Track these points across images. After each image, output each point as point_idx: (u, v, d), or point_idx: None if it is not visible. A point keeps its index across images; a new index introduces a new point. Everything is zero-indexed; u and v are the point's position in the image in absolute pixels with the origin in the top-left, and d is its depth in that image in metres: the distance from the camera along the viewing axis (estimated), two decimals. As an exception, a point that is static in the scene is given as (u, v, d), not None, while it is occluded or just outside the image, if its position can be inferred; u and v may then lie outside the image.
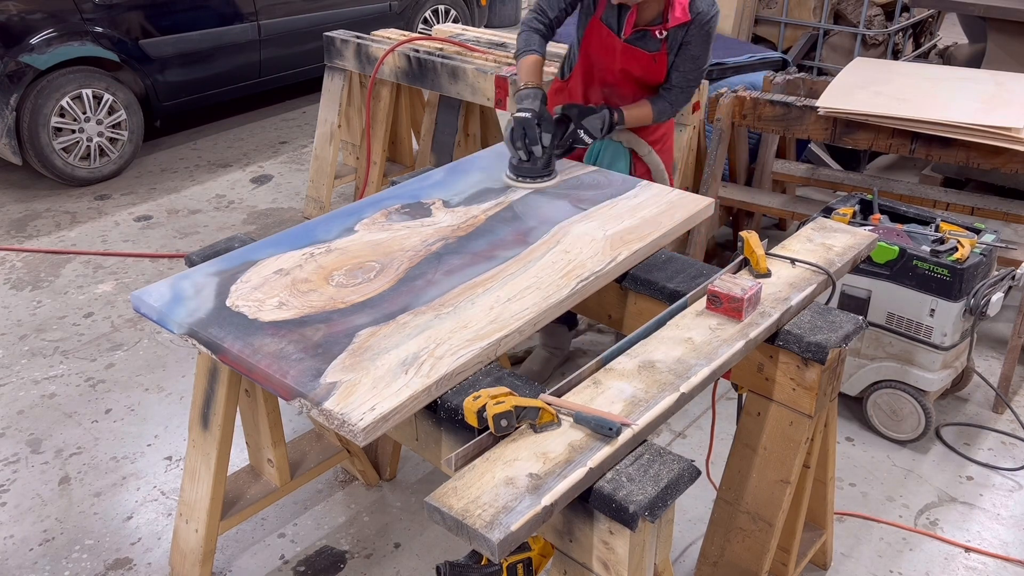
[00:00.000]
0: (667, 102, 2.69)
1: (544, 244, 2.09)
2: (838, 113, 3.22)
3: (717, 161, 3.57)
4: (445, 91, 3.89)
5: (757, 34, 5.56)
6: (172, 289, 1.92)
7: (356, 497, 2.73)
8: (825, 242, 2.16)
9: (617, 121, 2.60)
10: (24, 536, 2.58)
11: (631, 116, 2.65)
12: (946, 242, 2.75)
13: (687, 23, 2.53)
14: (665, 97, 2.69)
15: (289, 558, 2.52)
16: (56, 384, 3.29)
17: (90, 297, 3.89)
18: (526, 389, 1.64)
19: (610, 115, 2.58)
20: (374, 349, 1.68)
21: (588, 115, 2.54)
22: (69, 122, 4.82)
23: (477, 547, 1.30)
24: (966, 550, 2.53)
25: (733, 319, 1.82)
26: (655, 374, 1.65)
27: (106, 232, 4.50)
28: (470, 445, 1.46)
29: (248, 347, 1.70)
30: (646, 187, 2.42)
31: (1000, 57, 4.43)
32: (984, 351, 3.42)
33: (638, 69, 2.66)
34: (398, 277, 1.95)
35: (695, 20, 2.53)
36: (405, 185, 2.46)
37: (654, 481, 1.43)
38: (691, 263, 2.15)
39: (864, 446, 2.94)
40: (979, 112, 3.04)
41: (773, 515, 2.06)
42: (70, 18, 4.75)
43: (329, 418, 1.53)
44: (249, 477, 2.43)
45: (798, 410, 1.95)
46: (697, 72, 2.65)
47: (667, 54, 2.61)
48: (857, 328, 1.92)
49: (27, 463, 2.88)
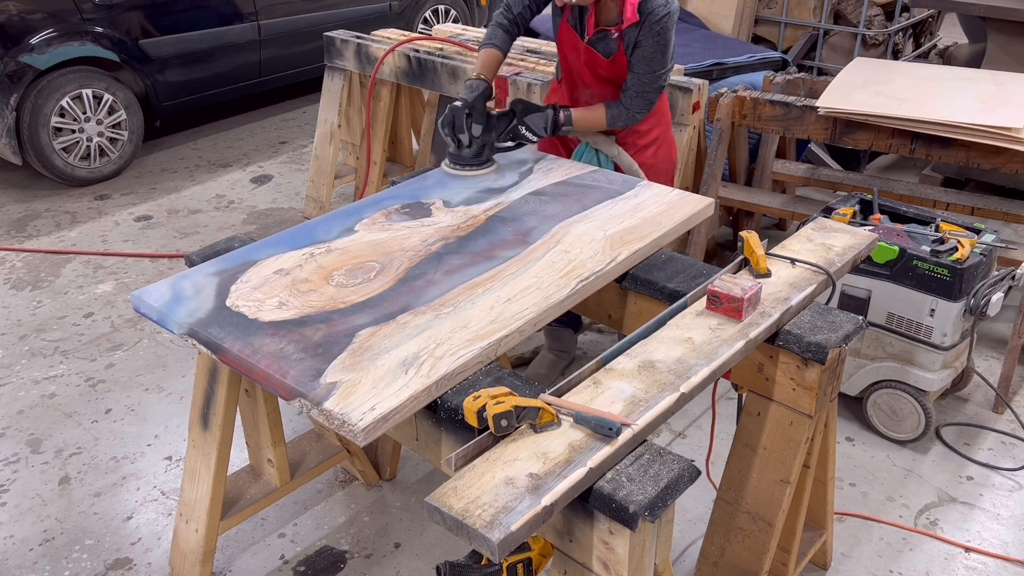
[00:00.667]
0: (623, 107, 2.64)
1: (544, 244, 2.09)
2: (838, 113, 3.22)
3: (717, 161, 3.57)
4: (445, 91, 3.89)
5: (757, 34, 5.56)
6: (172, 289, 1.92)
7: (356, 497, 2.73)
8: (825, 242, 2.16)
9: (563, 122, 2.59)
10: (24, 536, 2.58)
11: (581, 118, 2.63)
12: (946, 242, 2.75)
13: (637, 23, 2.51)
14: (621, 101, 2.65)
15: (289, 558, 2.52)
16: (56, 384, 3.29)
17: (90, 297, 3.89)
18: (526, 389, 1.64)
19: (555, 114, 2.57)
20: (374, 349, 1.68)
21: (532, 112, 2.55)
22: (69, 122, 4.82)
23: (477, 547, 1.30)
24: (966, 550, 2.53)
25: (733, 319, 1.82)
26: (655, 374, 1.65)
27: (106, 232, 4.50)
28: (470, 445, 1.46)
29: (248, 347, 1.70)
30: (646, 187, 2.42)
31: (1000, 57, 4.43)
32: (984, 351, 3.42)
33: (602, 70, 2.66)
34: (398, 277, 1.95)
35: (645, 20, 2.49)
36: (405, 185, 2.46)
37: (654, 481, 1.43)
38: (691, 263, 2.15)
39: (864, 446, 2.94)
40: (979, 112, 3.03)
41: (773, 515, 2.06)
42: (70, 18, 4.75)
43: (329, 418, 1.53)
44: (249, 477, 2.43)
45: (798, 410, 1.95)
46: (652, 75, 2.59)
47: (625, 55, 2.58)
48: (857, 328, 1.92)
49: (27, 463, 2.88)
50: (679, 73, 3.70)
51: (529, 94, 3.50)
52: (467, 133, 2.45)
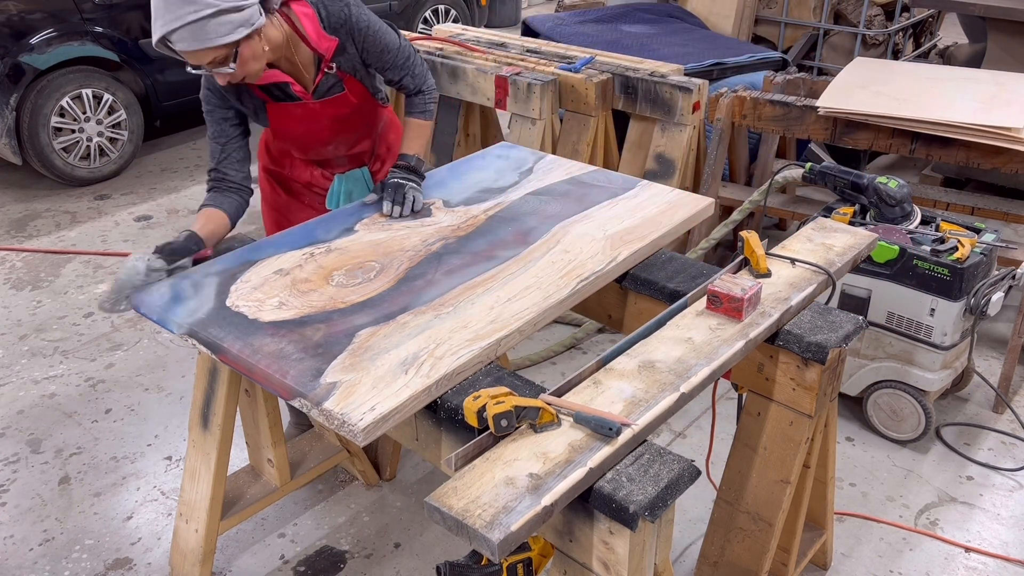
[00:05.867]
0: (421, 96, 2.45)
1: (544, 244, 2.09)
2: (838, 113, 3.22)
3: (717, 161, 3.57)
4: (445, 91, 3.89)
5: (757, 34, 5.56)
6: (172, 289, 1.92)
7: (356, 497, 2.73)
8: (825, 242, 2.16)
9: (415, 164, 2.35)
10: (24, 536, 2.58)
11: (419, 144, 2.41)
12: (946, 242, 2.75)
13: (339, 43, 2.23)
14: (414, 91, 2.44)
15: (289, 558, 2.52)
16: (56, 384, 3.29)
17: (90, 297, 3.89)
18: (526, 389, 1.64)
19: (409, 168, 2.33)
20: (374, 349, 1.68)
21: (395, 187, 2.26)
22: (69, 122, 4.83)
23: (477, 547, 1.30)
24: (966, 550, 2.53)
25: (733, 319, 1.82)
26: (655, 374, 1.65)
27: (106, 232, 4.50)
28: (470, 445, 1.46)
29: (248, 347, 1.70)
30: (646, 187, 2.42)
31: (1000, 57, 4.43)
32: (984, 351, 3.42)
33: (345, 110, 2.36)
34: (398, 277, 1.95)
35: (340, 33, 2.23)
36: (405, 185, 2.46)
37: (654, 481, 1.43)
38: (691, 263, 2.15)
39: (864, 446, 2.94)
40: (979, 112, 3.03)
41: (773, 515, 2.06)
42: (70, 18, 4.75)
43: (329, 418, 1.53)
44: (249, 477, 2.43)
45: (798, 410, 1.95)
46: (400, 52, 2.34)
47: (355, 77, 2.32)
48: (857, 328, 1.92)
49: (27, 463, 2.88)
50: (679, 73, 3.70)
51: (529, 94, 3.50)
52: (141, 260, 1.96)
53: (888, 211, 2.82)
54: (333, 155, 2.50)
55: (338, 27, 2.22)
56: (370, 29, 2.26)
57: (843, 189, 2.89)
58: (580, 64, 3.64)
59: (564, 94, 3.60)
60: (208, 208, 2.21)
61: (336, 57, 2.26)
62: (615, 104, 3.64)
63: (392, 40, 2.32)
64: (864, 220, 2.88)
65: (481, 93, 3.72)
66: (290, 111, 2.29)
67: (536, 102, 3.50)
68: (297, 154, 2.49)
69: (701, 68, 3.95)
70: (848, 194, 2.89)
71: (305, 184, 2.57)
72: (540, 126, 3.55)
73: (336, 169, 2.54)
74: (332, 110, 2.33)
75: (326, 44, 2.21)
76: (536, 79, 3.51)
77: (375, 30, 2.27)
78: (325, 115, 2.33)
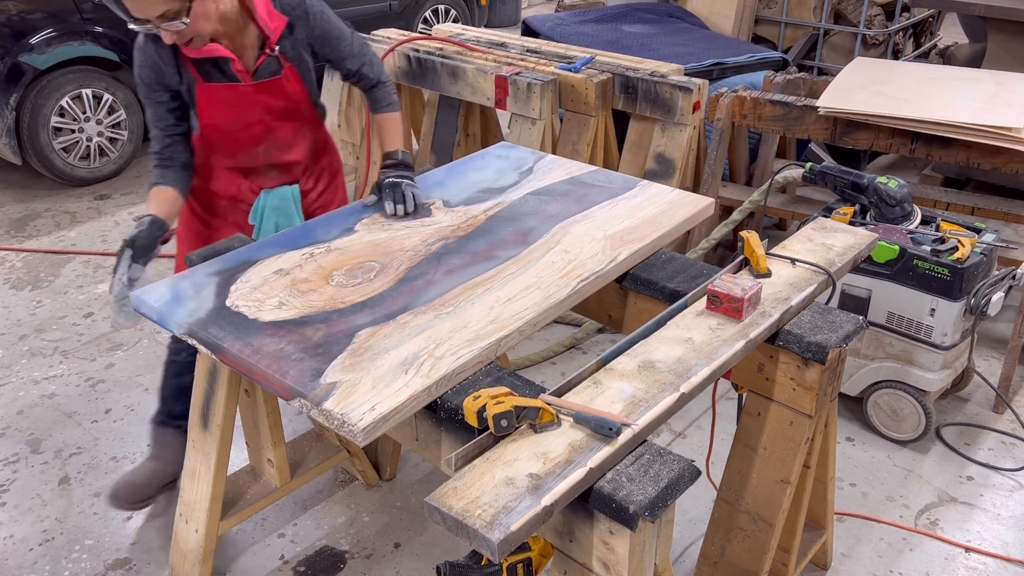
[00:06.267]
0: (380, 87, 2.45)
1: (544, 244, 2.09)
2: (838, 113, 3.22)
3: (717, 161, 3.57)
4: (445, 91, 3.89)
5: (757, 34, 5.56)
6: (172, 289, 1.92)
7: (356, 497, 2.73)
8: (825, 242, 2.16)
9: (403, 159, 2.35)
10: (24, 536, 2.58)
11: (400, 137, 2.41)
12: (946, 241, 2.75)
13: (288, 24, 2.23)
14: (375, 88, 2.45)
15: (289, 558, 2.52)
16: (56, 384, 3.29)
17: (90, 297, 3.89)
18: (526, 389, 1.64)
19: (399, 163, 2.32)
20: (374, 349, 1.68)
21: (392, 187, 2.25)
22: (69, 122, 4.83)
23: (477, 547, 1.30)
24: (966, 550, 2.53)
25: (733, 319, 1.82)
26: (655, 374, 1.65)
27: (106, 232, 4.50)
28: (470, 445, 1.46)
29: (248, 347, 1.70)
30: (646, 187, 2.42)
31: (1000, 57, 4.43)
32: (984, 351, 3.42)
33: (280, 101, 2.31)
34: (398, 277, 1.95)
35: (292, 15, 2.23)
36: (405, 185, 2.46)
37: (654, 481, 1.42)
38: (691, 263, 2.15)
39: (864, 446, 2.94)
40: (980, 112, 3.03)
41: (773, 515, 2.06)
42: (70, 18, 4.75)
43: (329, 418, 1.52)
44: (249, 477, 2.43)
45: (798, 410, 1.95)
46: (354, 39, 2.37)
47: (294, 66, 2.29)
48: (857, 328, 1.92)
49: (27, 463, 2.88)
50: (679, 73, 3.70)
51: (529, 94, 3.50)
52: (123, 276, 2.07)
53: (888, 211, 2.82)
54: (263, 161, 2.41)
55: (290, 9, 2.24)
56: (323, 14, 2.31)
57: (843, 189, 2.89)
58: (580, 64, 3.64)
59: (564, 94, 3.60)
60: (159, 187, 2.26)
61: (282, 40, 2.25)
62: (615, 104, 3.64)
63: (344, 29, 2.37)
64: (864, 220, 2.88)
65: (481, 93, 3.72)
66: (221, 94, 2.24)
67: (536, 102, 3.50)
68: (224, 159, 2.40)
69: (701, 68, 3.95)
70: (848, 194, 2.89)
71: (231, 199, 2.47)
72: (540, 126, 3.55)
73: (264, 183, 2.45)
74: (266, 97, 2.29)
75: (275, 23, 2.22)
76: (536, 79, 3.51)
77: (327, 16, 2.32)
78: (258, 102, 2.28)
